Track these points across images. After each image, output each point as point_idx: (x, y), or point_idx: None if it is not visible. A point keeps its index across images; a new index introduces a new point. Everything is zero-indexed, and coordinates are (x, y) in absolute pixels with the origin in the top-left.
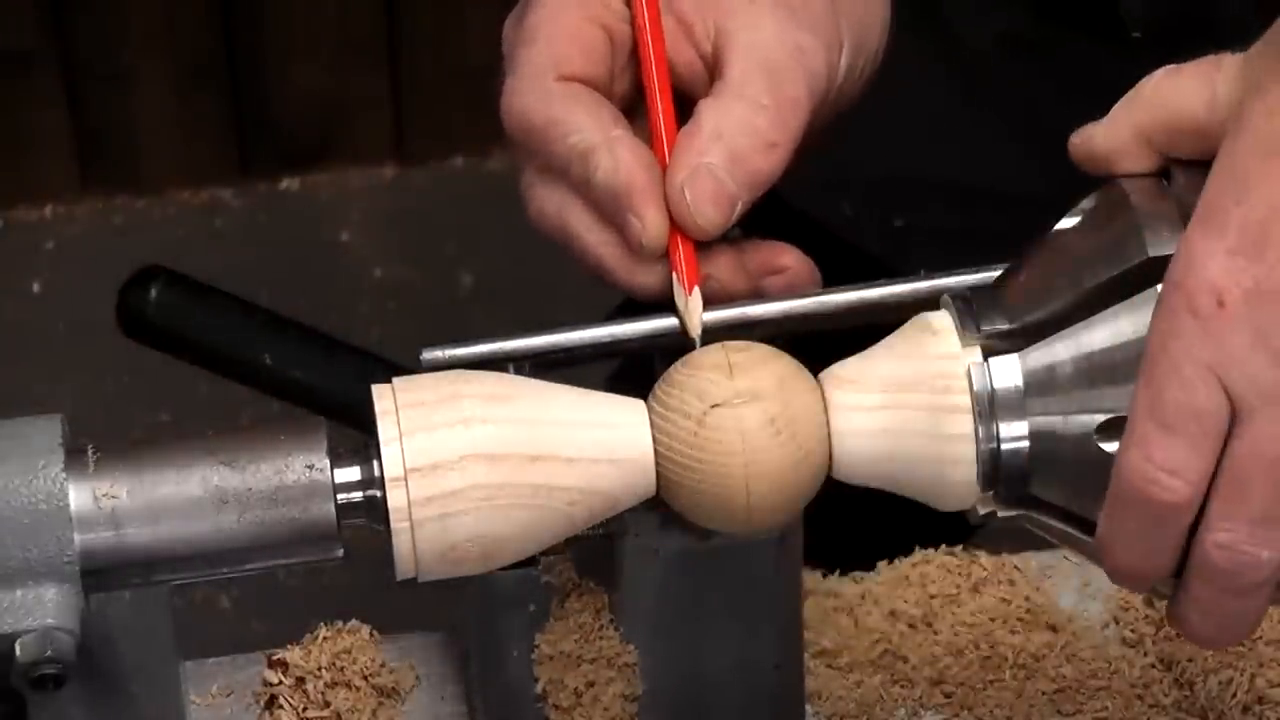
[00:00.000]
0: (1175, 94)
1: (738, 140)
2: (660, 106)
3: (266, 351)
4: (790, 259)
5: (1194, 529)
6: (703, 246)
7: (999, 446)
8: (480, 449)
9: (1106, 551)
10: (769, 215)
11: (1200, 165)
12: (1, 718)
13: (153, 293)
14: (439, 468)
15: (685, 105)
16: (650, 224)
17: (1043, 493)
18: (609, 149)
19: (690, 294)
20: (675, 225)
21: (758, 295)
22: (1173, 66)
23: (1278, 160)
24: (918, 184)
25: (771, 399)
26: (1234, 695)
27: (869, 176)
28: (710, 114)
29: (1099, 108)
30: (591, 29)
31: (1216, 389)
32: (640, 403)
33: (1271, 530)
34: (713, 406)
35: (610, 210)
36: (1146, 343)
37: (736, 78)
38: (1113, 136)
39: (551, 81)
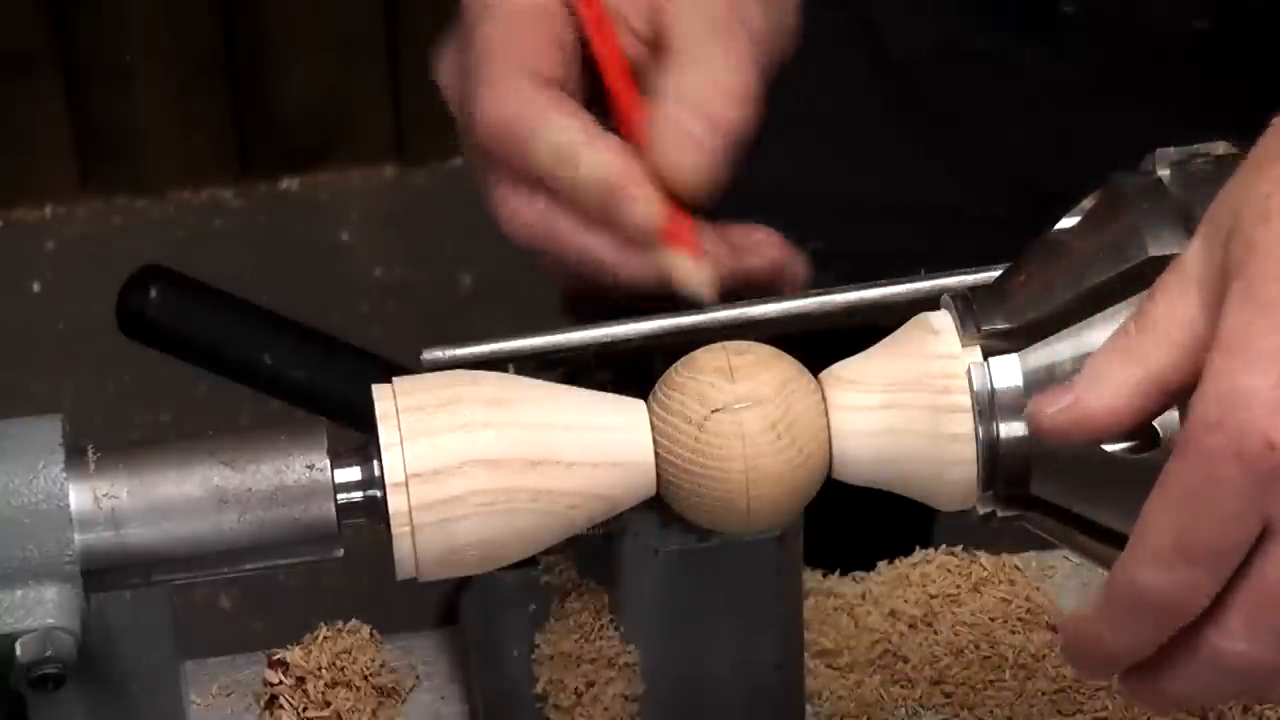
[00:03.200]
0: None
1: (702, 98)
2: (623, 94)
3: (266, 351)
4: (760, 234)
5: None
6: None
7: (999, 446)
8: (481, 454)
9: (1090, 640)
10: None
11: (1195, 162)
12: (2, 717)
13: (152, 293)
14: (440, 473)
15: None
16: (644, 202)
17: (1043, 492)
18: (590, 143)
19: (698, 260)
20: (666, 191)
21: (744, 280)
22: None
23: None
24: (839, 201)
25: (773, 403)
26: None
27: (788, 194)
28: (668, 82)
29: (1032, 118)
30: (548, 37)
31: (1255, 526)
32: (641, 404)
33: None
34: (713, 411)
35: (599, 204)
36: (1165, 474)
37: (685, 41)
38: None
39: (527, 86)
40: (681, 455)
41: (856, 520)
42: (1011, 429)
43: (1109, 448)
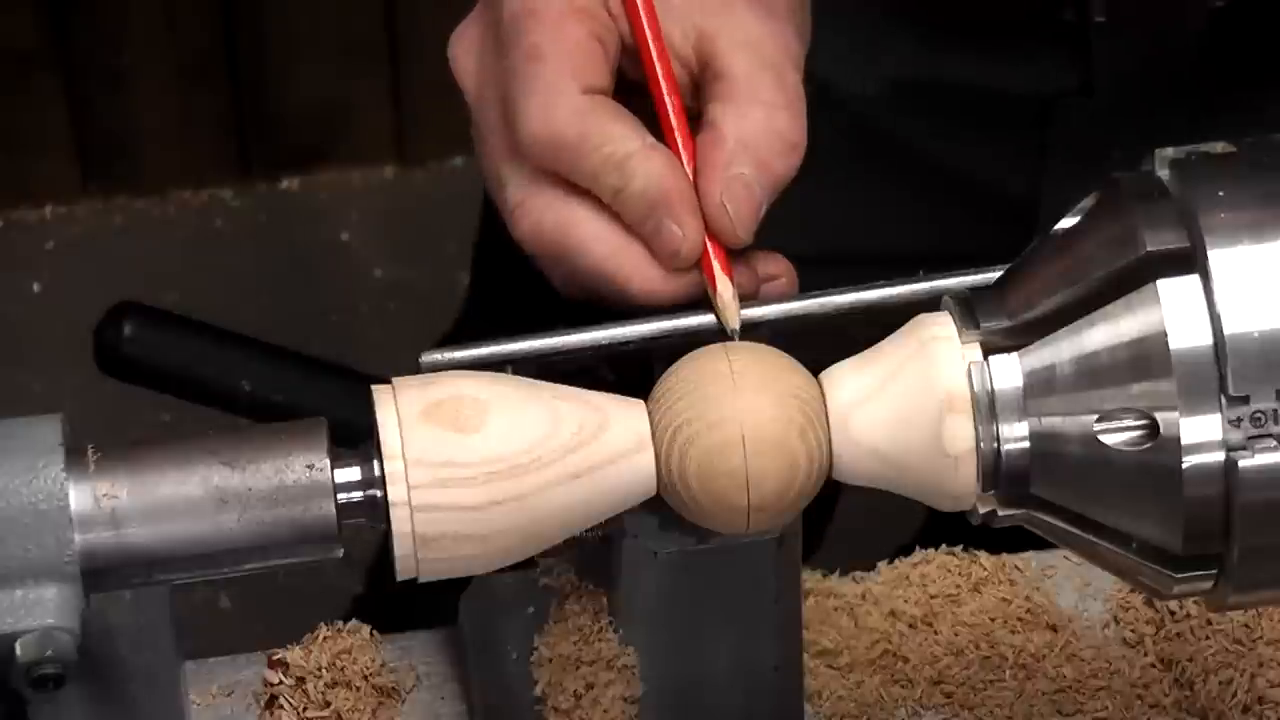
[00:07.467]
0: None
1: (762, 147)
2: (674, 113)
3: (245, 378)
4: (781, 267)
5: None
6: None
7: (999, 445)
8: (481, 453)
9: None
10: None
11: (1194, 161)
12: (2, 717)
13: (126, 329)
14: (439, 469)
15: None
16: (691, 232)
17: (1043, 491)
18: (645, 157)
19: (731, 288)
20: (711, 233)
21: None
22: None
23: None
24: (820, 260)
25: (772, 401)
26: (1234, 695)
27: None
28: (729, 120)
29: (1006, 146)
30: (592, 42)
31: None
32: (640, 403)
33: None
34: (712, 408)
35: (642, 218)
36: None
37: (743, 79)
38: None
39: (579, 95)
40: (681, 453)
41: (856, 520)
42: (1012, 427)
43: (1110, 441)
